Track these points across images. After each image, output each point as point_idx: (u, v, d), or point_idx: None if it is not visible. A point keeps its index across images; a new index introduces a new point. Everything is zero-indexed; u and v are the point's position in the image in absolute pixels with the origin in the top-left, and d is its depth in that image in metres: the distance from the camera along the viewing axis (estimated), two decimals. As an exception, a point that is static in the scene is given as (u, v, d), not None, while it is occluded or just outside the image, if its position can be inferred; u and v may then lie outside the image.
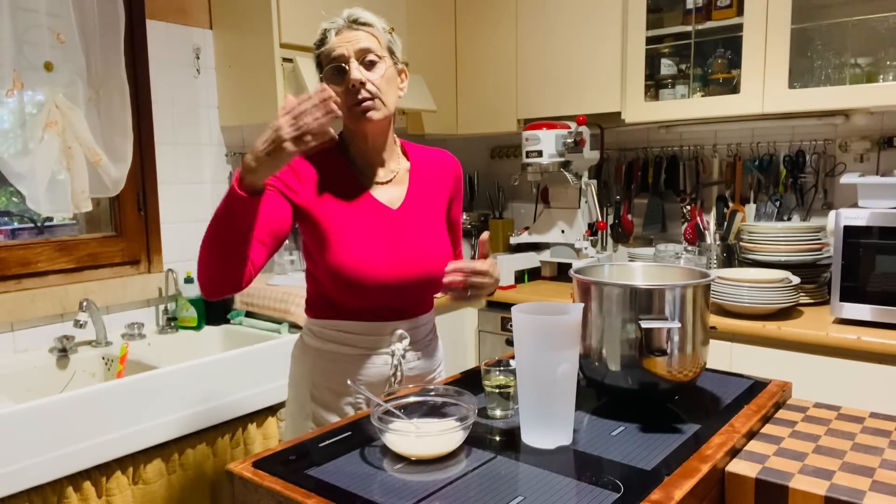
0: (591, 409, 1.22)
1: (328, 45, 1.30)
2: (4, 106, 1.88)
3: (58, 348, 1.99)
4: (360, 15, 1.31)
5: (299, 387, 1.43)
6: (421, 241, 1.36)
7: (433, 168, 1.45)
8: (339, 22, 1.31)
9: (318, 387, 1.38)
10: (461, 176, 1.51)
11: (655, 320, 1.13)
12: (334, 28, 1.30)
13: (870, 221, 1.94)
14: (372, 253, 1.30)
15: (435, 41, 2.92)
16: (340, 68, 1.28)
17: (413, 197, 1.39)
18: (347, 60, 1.28)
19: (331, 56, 1.29)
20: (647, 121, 2.52)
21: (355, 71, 1.27)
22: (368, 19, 1.32)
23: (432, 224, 1.40)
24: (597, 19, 2.57)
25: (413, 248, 1.34)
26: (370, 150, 1.37)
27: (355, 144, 1.37)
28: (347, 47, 1.28)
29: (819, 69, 2.25)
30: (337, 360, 1.37)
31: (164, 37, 2.30)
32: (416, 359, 1.41)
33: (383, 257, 1.31)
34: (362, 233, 1.32)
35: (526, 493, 0.91)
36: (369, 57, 1.29)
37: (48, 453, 1.52)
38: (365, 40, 1.29)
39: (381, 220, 1.34)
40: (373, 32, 1.31)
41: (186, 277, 2.29)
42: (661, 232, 2.79)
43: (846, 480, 0.96)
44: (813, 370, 1.94)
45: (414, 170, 1.43)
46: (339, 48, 1.28)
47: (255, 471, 1.00)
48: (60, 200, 1.95)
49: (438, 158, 1.48)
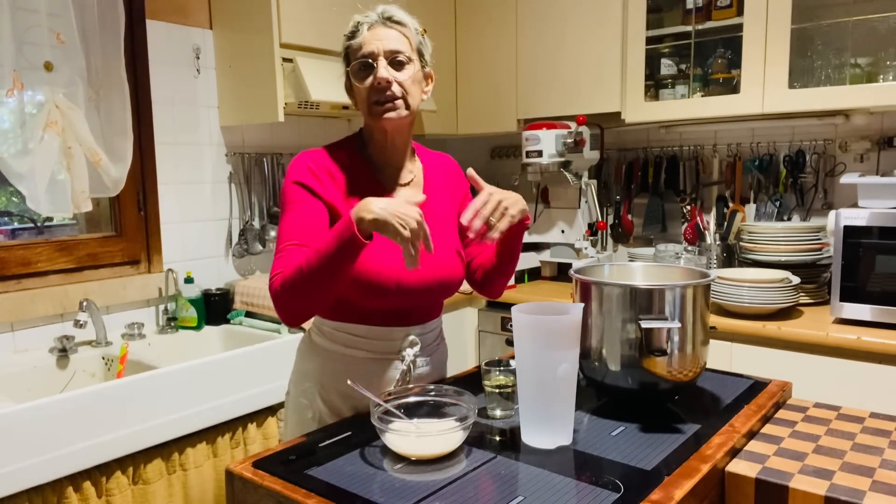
0: (591, 409, 1.22)
1: (359, 39, 1.28)
2: (4, 106, 1.88)
3: (58, 348, 1.99)
4: (394, 13, 1.30)
5: (305, 384, 1.40)
6: (438, 245, 1.32)
7: (443, 172, 1.45)
8: (372, 17, 1.29)
9: (326, 388, 1.36)
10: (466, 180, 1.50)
11: (655, 320, 1.13)
12: (367, 23, 1.29)
13: (870, 221, 1.94)
14: (392, 255, 1.28)
15: (435, 41, 2.89)
16: (368, 64, 1.28)
17: (430, 200, 1.37)
18: (376, 58, 1.27)
19: (361, 51, 1.28)
20: (647, 121, 2.52)
21: (382, 70, 1.26)
22: (402, 18, 1.31)
23: (447, 228, 1.39)
24: (597, 19, 2.57)
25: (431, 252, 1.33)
26: (389, 147, 1.36)
27: (374, 142, 1.36)
28: (378, 45, 1.27)
29: (819, 69, 2.25)
30: (348, 362, 1.35)
31: (164, 37, 2.30)
32: (424, 364, 1.39)
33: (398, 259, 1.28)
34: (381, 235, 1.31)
35: (526, 493, 0.91)
36: (399, 57, 1.28)
37: (48, 453, 1.52)
38: (396, 40, 1.28)
39: None
40: (405, 33, 1.30)
41: (186, 277, 2.29)
42: (661, 232, 2.79)
43: (846, 480, 0.96)
44: (813, 370, 1.94)
45: (427, 171, 1.42)
46: (370, 44, 1.27)
47: (255, 471, 1.00)
48: (60, 200, 1.95)
49: (443, 162, 1.48)
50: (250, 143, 2.58)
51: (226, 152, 2.50)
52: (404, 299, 1.32)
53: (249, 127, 2.56)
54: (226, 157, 2.50)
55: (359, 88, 1.29)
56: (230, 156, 2.51)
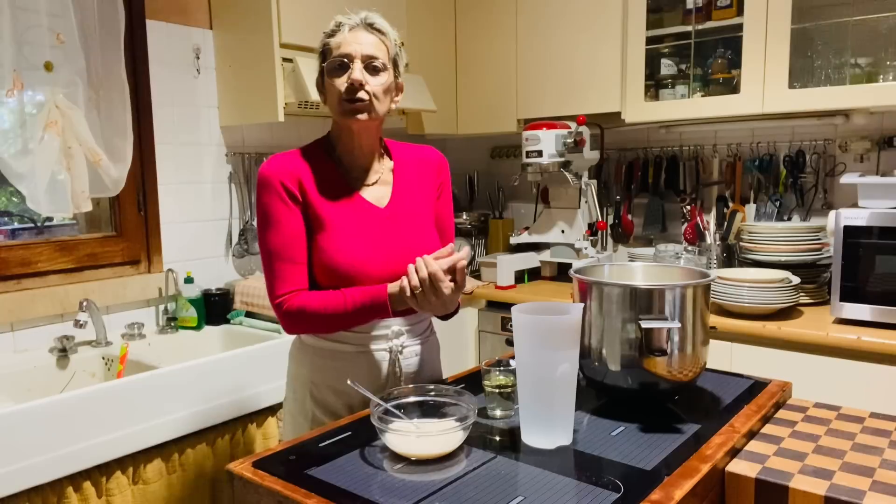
0: (591, 409, 1.22)
1: (338, 38, 1.32)
2: (4, 106, 1.88)
3: (58, 348, 1.99)
4: (376, 20, 1.35)
5: (298, 386, 1.44)
6: (409, 237, 1.39)
7: (416, 165, 1.48)
8: (355, 19, 1.33)
9: (317, 385, 1.40)
10: (447, 170, 1.53)
11: (655, 320, 1.13)
12: (349, 24, 1.33)
13: (870, 221, 1.94)
14: (363, 250, 1.34)
15: (435, 41, 2.92)
16: (345, 64, 1.31)
17: (399, 195, 1.42)
18: (353, 59, 1.31)
19: (339, 50, 1.32)
20: (647, 121, 2.52)
21: (357, 72, 1.30)
22: (383, 27, 1.35)
23: (419, 220, 1.43)
24: (597, 19, 2.57)
25: (402, 245, 1.38)
26: (356, 149, 1.40)
27: (341, 143, 1.40)
28: (357, 47, 1.31)
29: (819, 69, 2.25)
30: (336, 357, 1.38)
31: (164, 37, 2.30)
32: (414, 355, 1.42)
33: (374, 254, 1.35)
34: (353, 231, 1.35)
35: (526, 493, 0.91)
36: (375, 63, 1.32)
37: (48, 453, 1.52)
38: (374, 46, 1.32)
39: (370, 218, 1.38)
40: (384, 41, 1.35)
41: (186, 277, 2.29)
42: (661, 232, 2.79)
43: (846, 480, 0.96)
44: (813, 370, 1.94)
45: (398, 168, 1.46)
46: (349, 45, 1.31)
47: (255, 471, 1.01)
48: (60, 200, 1.95)
49: (422, 155, 1.50)
50: (250, 143, 2.58)
51: (226, 152, 2.50)
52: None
53: (249, 127, 2.56)
54: (226, 157, 2.50)
55: (331, 86, 1.33)
56: (230, 156, 2.51)
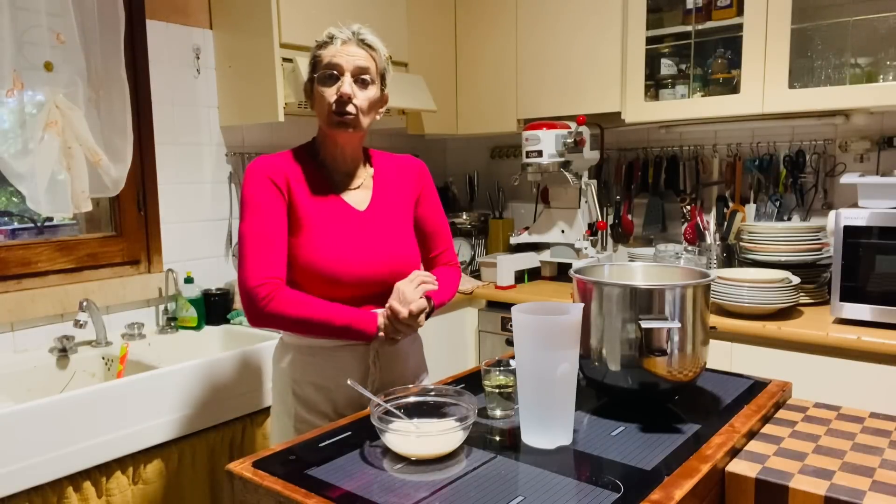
0: (591, 409, 1.22)
1: (330, 50, 1.37)
2: (4, 106, 1.88)
3: (58, 348, 1.99)
4: (367, 36, 1.40)
5: (281, 386, 1.47)
6: (387, 240, 1.44)
7: (396, 173, 1.54)
8: (347, 33, 1.38)
9: (298, 382, 1.44)
10: (428, 177, 1.58)
11: (655, 320, 1.13)
12: (341, 38, 1.37)
13: (870, 221, 1.94)
14: (340, 250, 1.38)
15: (435, 41, 2.92)
16: (335, 76, 1.37)
17: (378, 199, 1.48)
18: (343, 72, 1.36)
19: (329, 61, 1.37)
20: (647, 121, 2.52)
21: (347, 85, 1.36)
22: (374, 42, 1.40)
23: (397, 224, 1.48)
24: (597, 19, 2.57)
25: (379, 246, 1.43)
26: (339, 156, 1.45)
27: (326, 148, 1.45)
28: (348, 60, 1.36)
29: (819, 69, 2.25)
30: (315, 353, 1.42)
31: (164, 37, 2.30)
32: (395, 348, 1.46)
33: (352, 254, 1.39)
34: (332, 231, 1.40)
35: (526, 493, 0.91)
36: (364, 76, 1.38)
37: (48, 453, 1.52)
38: (365, 60, 1.38)
39: (350, 220, 1.43)
40: (374, 56, 1.40)
41: (186, 277, 2.29)
42: (661, 232, 2.79)
43: (846, 480, 0.96)
44: (813, 370, 1.94)
45: (378, 175, 1.51)
46: (340, 58, 1.36)
47: (255, 471, 1.01)
48: (60, 200, 1.95)
49: (402, 164, 1.56)
50: (250, 143, 2.58)
51: (226, 152, 2.50)
52: (358, 290, 1.40)
53: (249, 127, 2.56)
54: (226, 157, 2.50)
55: (321, 96, 1.38)
56: (230, 156, 2.51)
